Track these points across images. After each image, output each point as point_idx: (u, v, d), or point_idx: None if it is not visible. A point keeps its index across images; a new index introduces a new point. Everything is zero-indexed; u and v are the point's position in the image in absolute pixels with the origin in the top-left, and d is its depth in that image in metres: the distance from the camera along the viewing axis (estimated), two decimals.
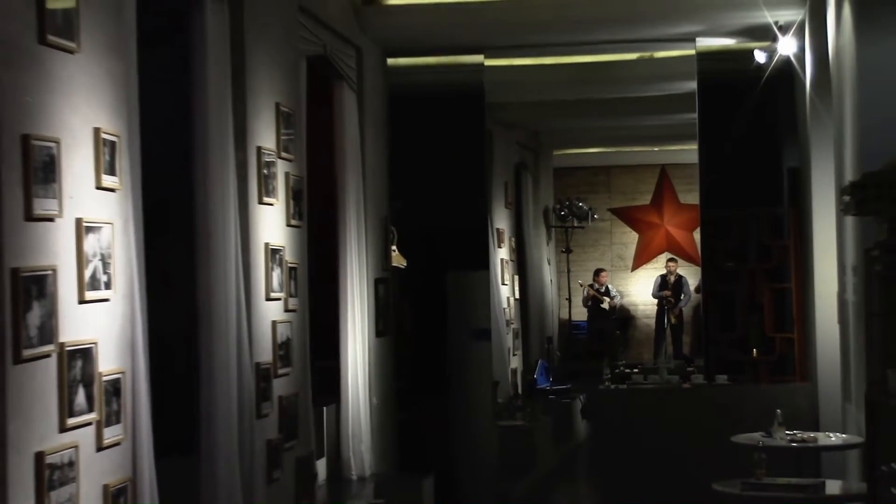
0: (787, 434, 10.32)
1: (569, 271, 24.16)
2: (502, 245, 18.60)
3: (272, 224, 9.73)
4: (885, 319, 7.60)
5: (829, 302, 11.55)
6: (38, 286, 5.95)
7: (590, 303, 24.08)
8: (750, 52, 12.51)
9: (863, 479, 9.34)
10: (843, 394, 10.90)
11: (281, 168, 9.95)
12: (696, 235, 22.58)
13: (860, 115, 8.82)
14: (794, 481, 9.81)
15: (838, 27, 9.71)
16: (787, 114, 13.32)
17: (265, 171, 9.58)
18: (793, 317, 13.30)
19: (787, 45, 11.86)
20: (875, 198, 7.23)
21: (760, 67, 12.30)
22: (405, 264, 13.60)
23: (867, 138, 8.60)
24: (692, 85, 14.15)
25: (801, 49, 11.94)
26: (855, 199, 7.63)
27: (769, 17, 11.56)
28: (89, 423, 6.46)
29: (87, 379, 6.42)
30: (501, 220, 18.75)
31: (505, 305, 18.37)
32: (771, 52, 12.12)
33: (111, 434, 6.70)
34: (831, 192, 10.88)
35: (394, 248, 13.40)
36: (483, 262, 15.18)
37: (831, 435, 10.73)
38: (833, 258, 11.02)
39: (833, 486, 9.81)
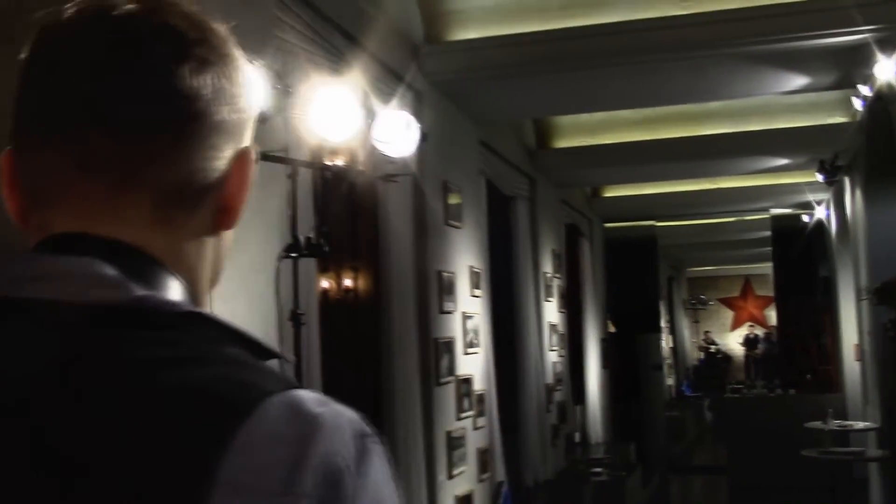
0: (835, 422, 9.44)
1: (696, 333, 23.26)
2: (662, 319, 17.96)
3: (552, 312, 9.52)
4: (894, 363, 6.94)
5: (850, 350, 10.65)
6: (445, 346, 5.91)
7: (706, 349, 23.11)
8: (800, 216, 11.82)
9: (878, 447, 8.49)
10: (863, 399, 9.95)
11: (555, 283, 9.78)
12: (767, 311, 21.55)
13: (868, 252, 8.13)
14: (847, 449, 8.90)
15: (853, 202, 9.03)
16: (821, 249, 12.39)
17: (548, 285, 9.42)
18: (829, 357, 12.34)
19: (820, 212, 11.14)
20: (889, 295, 6.63)
21: (806, 224, 11.58)
22: (615, 330, 13.21)
23: (873, 265, 7.91)
24: (768, 233, 13.41)
25: (829, 215, 11.20)
26: (877, 295, 7.00)
27: (811, 197, 10.88)
28: (470, 416, 6.35)
29: (468, 394, 6.34)
30: (662, 306, 18.13)
31: (664, 351, 17.70)
32: (812, 216, 11.41)
33: (480, 422, 6.57)
34: (850, 291, 10.06)
35: (609, 321, 13.04)
36: (655, 328, 14.65)
37: (859, 423, 9.79)
38: (851, 326, 10.13)
39: (867, 453, 8.88)
